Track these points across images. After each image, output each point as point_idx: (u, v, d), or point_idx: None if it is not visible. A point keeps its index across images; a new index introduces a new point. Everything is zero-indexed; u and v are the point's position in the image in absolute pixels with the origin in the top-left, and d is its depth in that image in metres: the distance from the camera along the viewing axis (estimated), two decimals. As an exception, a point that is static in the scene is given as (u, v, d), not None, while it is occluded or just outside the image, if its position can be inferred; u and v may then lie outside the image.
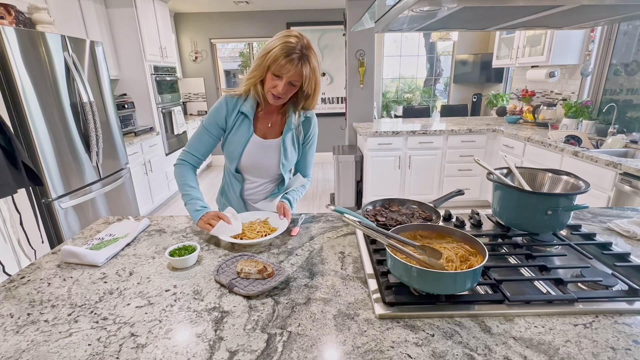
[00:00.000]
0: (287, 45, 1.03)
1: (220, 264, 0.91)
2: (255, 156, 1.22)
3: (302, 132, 1.26)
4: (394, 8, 0.67)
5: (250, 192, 1.31)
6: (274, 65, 1.05)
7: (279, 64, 1.04)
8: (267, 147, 1.22)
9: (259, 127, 1.23)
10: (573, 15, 0.80)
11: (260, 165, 1.24)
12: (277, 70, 1.05)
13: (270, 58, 1.05)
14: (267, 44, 1.08)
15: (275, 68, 1.05)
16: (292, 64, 1.03)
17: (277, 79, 1.07)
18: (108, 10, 3.40)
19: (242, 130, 1.20)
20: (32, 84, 2.06)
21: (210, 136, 1.22)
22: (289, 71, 1.04)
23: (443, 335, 0.67)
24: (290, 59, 1.03)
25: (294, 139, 1.26)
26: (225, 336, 0.68)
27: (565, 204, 0.93)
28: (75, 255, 0.95)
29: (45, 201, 2.16)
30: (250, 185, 1.30)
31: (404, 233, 0.90)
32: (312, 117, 1.27)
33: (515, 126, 3.45)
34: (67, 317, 0.74)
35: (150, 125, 3.78)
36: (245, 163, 1.23)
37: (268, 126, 1.23)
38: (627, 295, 0.74)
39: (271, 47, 1.05)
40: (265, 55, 1.06)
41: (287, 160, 1.25)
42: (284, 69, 1.04)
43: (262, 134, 1.23)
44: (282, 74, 1.06)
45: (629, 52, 2.82)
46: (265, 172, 1.27)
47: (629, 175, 1.95)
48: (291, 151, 1.25)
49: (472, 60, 5.13)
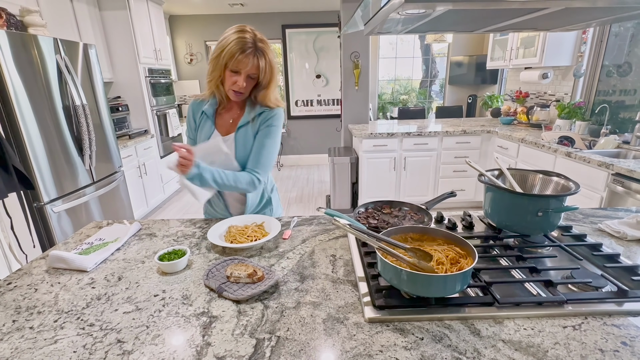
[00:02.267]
0: (242, 40, 1.04)
1: (210, 268, 0.91)
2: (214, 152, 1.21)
3: (258, 124, 1.20)
4: (381, 10, 0.67)
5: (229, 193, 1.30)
6: (231, 61, 1.06)
7: (235, 59, 1.05)
8: (226, 142, 1.21)
9: (221, 124, 1.24)
10: (560, 18, 0.80)
11: (220, 161, 1.20)
12: (235, 66, 1.06)
13: (226, 55, 1.05)
14: (220, 43, 1.08)
15: (232, 64, 1.06)
16: (249, 58, 1.05)
17: (235, 74, 1.09)
18: (102, 13, 3.38)
19: (206, 129, 1.23)
20: (24, 87, 2.04)
21: (191, 139, 1.29)
22: (247, 65, 1.06)
23: (432, 339, 0.66)
24: (247, 53, 1.05)
25: (250, 133, 1.20)
26: (213, 342, 0.67)
27: (556, 206, 0.93)
28: (64, 260, 0.94)
29: (37, 205, 2.14)
30: None
31: (395, 235, 0.90)
32: (270, 110, 1.20)
33: (509, 127, 3.46)
34: (52, 324, 0.73)
35: (145, 127, 3.76)
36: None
37: (230, 122, 1.24)
38: (616, 297, 0.75)
39: (225, 45, 1.05)
40: (220, 53, 1.06)
41: (244, 154, 1.21)
42: (242, 63, 1.06)
43: (225, 131, 1.23)
44: (240, 69, 1.07)
45: (621, 54, 2.85)
46: (229, 169, 1.21)
47: (621, 176, 1.97)
48: (247, 144, 1.20)
49: (467, 62, 5.15)
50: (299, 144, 5.75)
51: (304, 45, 5.28)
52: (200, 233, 1.16)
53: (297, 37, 5.25)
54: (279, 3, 4.61)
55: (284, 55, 5.33)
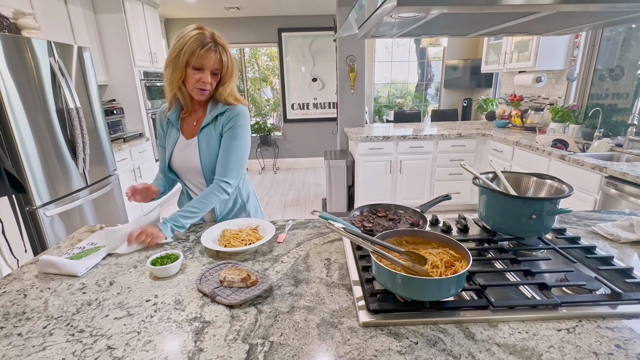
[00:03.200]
0: (201, 35, 1.04)
1: (203, 273, 0.90)
2: (180, 157, 1.22)
3: (221, 124, 1.17)
4: (374, 14, 0.67)
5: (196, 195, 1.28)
6: (192, 58, 1.04)
7: (198, 55, 1.04)
8: (189, 145, 1.21)
9: (186, 128, 1.23)
10: (552, 22, 0.81)
11: (186, 165, 1.22)
12: (198, 62, 1.05)
13: (186, 53, 1.04)
14: (177, 43, 1.06)
15: (195, 61, 1.05)
16: (211, 52, 1.05)
17: (199, 72, 1.08)
18: (96, 16, 3.37)
19: (172, 134, 1.23)
20: (17, 90, 2.02)
21: (162, 148, 1.29)
22: (210, 60, 1.05)
23: (427, 343, 0.66)
24: (208, 48, 1.04)
25: (213, 133, 1.18)
26: (205, 347, 0.66)
27: (549, 208, 0.93)
28: (54, 265, 0.93)
29: (29, 209, 2.12)
30: (192, 190, 1.29)
31: (390, 239, 0.89)
32: (232, 108, 1.17)
33: (504, 130, 3.49)
34: (41, 330, 0.72)
35: (140, 131, 3.74)
36: (174, 165, 1.24)
37: (193, 125, 1.22)
38: (609, 299, 0.75)
39: (184, 43, 1.04)
40: (179, 53, 1.05)
41: (208, 157, 1.18)
42: (205, 59, 1.05)
43: (189, 134, 1.22)
44: (203, 64, 1.06)
45: (613, 58, 2.88)
46: (195, 173, 1.22)
47: (614, 179, 1.98)
48: (210, 147, 1.18)
49: (462, 66, 5.19)
50: (295, 147, 5.75)
51: (300, 48, 5.29)
52: (194, 237, 1.15)
53: (293, 41, 5.27)
54: (275, 7, 4.63)
55: (280, 58, 5.34)
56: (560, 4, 0.63)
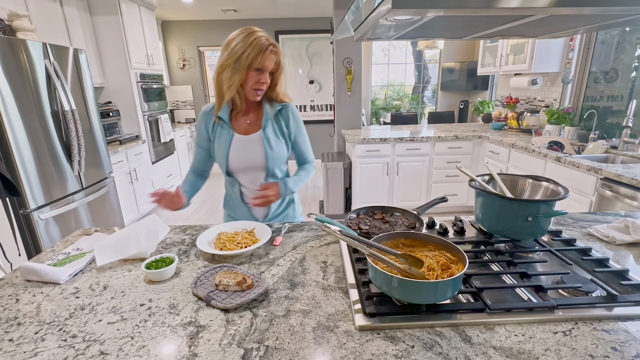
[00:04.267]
0: (261, 39, 1.11)
1: (198, 276, 0.89)
2: (241, 153, 1.24)
3: (282, 120, 1.28)
4: (370, 16, 0.67)
5: (248, 194, 1.31)
6: (256, 61, 1.11)
7: (261, 57, 1.11)
8: (250, 142, 1.24)
9: (239, 127, 1.26)
10: (547, 25, 0.82)
11: (248, 161, 1.25)
12: (261, 64, 1.12)
13: (250, 57, 1.10)
14: (234, 48, 1.11)
15: (258, 63, 1.11)
16: (272, 54, 1.13)
17: (259, 73, 1.14)
18: (92, 18, 3.36)
19: (224, 134, 1.24)
20: (12, 92, 2.01)
21: (202, 148, 1.30)
22: (271, 62, 1.14)
23: (423, 346, 0.66)
24: (270, 51, 1.12)
25: (276, 129, 1.26)
26: (200, 352, 0.65)
27: (545, 210, 0.93)
28: (35, 272, 0.90)
29: (23, 212, 2.10)
30: (245, 187, 1.31)
31: (386, 242, 0.89)
32: (288, 105, 1.29)
33: (500, 132, 3.50)
34: (33, 336, 0.71)
35: (136, 133, 3.73)
36: (234, 163, 1.25)
37: (247, 123, 1.26)
38: (605, 301, 0.75)
39: (244, 47, 1.10)
40: (240, 56, 1.10)
41: (272, 150, 1.24)
42: (267, 60, 1.12)
43: (244, 132, 1.25)
44: (265, 66, 1.13)
45: (607, 60, 2.91)
46: (255, 168, 1.26)
47: (610, 180, 1.99)
48: (275, 141, 1.25)
49: (458, 68, 5.22)
50: (292, 149, 5.74)
51: (297, 51, 5.30)
52: (189, 240, 1.14)
53: (291, 43, 5.27)
54: (272, 9, 4.63)
55: (277, 60, 5.34)
56: (555, 7, 0.63)
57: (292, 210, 1.40)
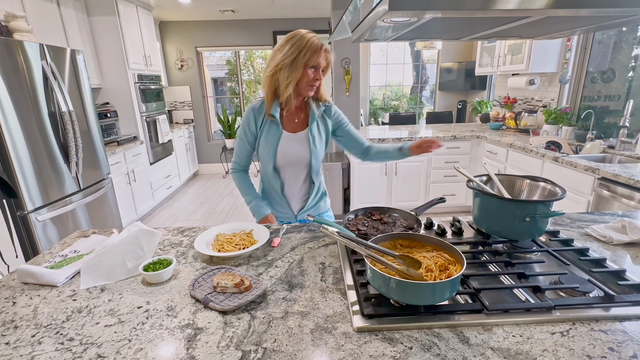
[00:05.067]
0: (315, 38, 1.20)
1: (196, 278, 0.89)
2: (288, 150, 1.32)
3: (327, 119, 1.38)
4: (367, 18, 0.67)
5: (289, 189, 1.39)
6: (313, 58, 1.19)
7: (318, 56, 1.19)
8: (297, 139, 1.32)
9: (287, 125, 1.33)
10: (543, 26, 0.82)
11: (293, 157, 1.33)
12: (316, 62, 1.20)
13: (307, 55, 1.18)
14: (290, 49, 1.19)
15: (314, 61, 1.20)
16: (327, 53, 1.21)
17: (314, 70, 1.22)
18: (90, 19, 3.35)
19: (272, 131, 1.31)
20: (9, 93, 2.00)
21: (247, 143, 1.36)
22: (326, 59, 1.22)
23: (421, 348, 0.66)
24: (325, 49, 1.21)
25: (320, 128, 1.36)
26: (198, 355, 0.65)
27: (543, 211, 0.94)
28: (32, 275, 0.90)
29: (20, 214, 2.09)
30: (288, 182, 1.38)
31: (384, 243, 0.89)
32: (330, 105, 1.39)
33: (498, 132, 3.51)
34: (30, 339, 0.71)
35: (134, 134, 3.72)
36: (280, 159, 1.32)
37: (295, 122, 1.34)
38: (602, 302, 0.75)
39: (301, 47, 1.18)
40: (298, 55, 1.19)
41: (316, 149, 1.34)
42: (322, 58, 1.20)
43: (291, 130, 1.33)
44: (320, 63, 1.21)
45: (605, 60, 2.92)
46: (299, 164, 1.35)
47: (607, 180, 2.00)
48: (319, 140, 1.35)
49: (456, 68, 5.23)
50: (290, 149, 5.73)
51: (295, 51, 5.29)
52: (187, 241, 1.14)
53: (289, 44, 5.26)
54: (270, 10, 4.63)
55: (276, 61, 5.33)
56: (551, 9, 0.63)
57: (324, 203, 1.48)
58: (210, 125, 5.71)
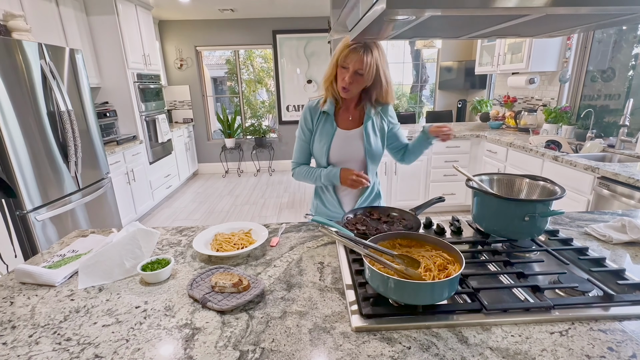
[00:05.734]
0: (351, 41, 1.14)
1: (194, 278, 0.89)
2: (342, 147, 1.31)
3: (382, 118, 1.34)
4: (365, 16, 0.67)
5: (343, 188, 1.37)
6: (340, 57, 1.17)
7: (343, 54, 1.16)
8: (351, 137, 1.31)
9: (341, 122, 1.32)
10: (543, 24, 0.81)
11: (347, 154, 1.32)
12: (343, 61, 1.17)
13: (337, 53, 1.18)
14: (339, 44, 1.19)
15: (341, 60, 1.17)
16: (355, 52, 1.14)
17: (344, 71, 1.18)
18: (89, 18, 3.35)
19: (327, 127, 1.31)
20: (7, 92, 2.00)
21: (305, 141, 1.36)
22: (353, 59, 1.14)
23: (420, 348, 0.65)
24: (353, 48, 1.14)
25: (375, 127, 1.32)
26: (195, 355, 0.65)
27: (542, 210, 0.93)
28: (30, 275, 0.90)
29: (19, 213, 2.08)
30: None
31: (383, 242, 0.89)
32: (388, 106, 1.34)
33: (498, 132, 3.50)
34: (27, 339, 0.70)
35: (134, 133, 3.71)
36: (334, 155, 1.32)
37: (349, 119, 1.32)
38: (602, 301, 0.75)
39: (339, 47, 1.18)
40: (335, 54, 1.18)
41: (371, 147, 1.30)
42: (349, 58, 1.15)
43: (345, 127, 1.32)
44: (347, 64, 1.16)
45: (604, 59, 2.91)
46: (353, 161, 1.33)
47: (607, 179, 2.00)
48: (374, 138, 1.31)
49: (456, 67, 5.22)
50: (290, 149, 5.73)
51: (294, 50, 5.29)
52: (185, 241, 1.14)
53: (288, 43, 5.26)
54: (269, 9, 4.62)
55: (275, 60, 5.33)
56: (551, 7, 0.63)
57: (379, 203, 1.45)
58: (210, 125, 5.70)
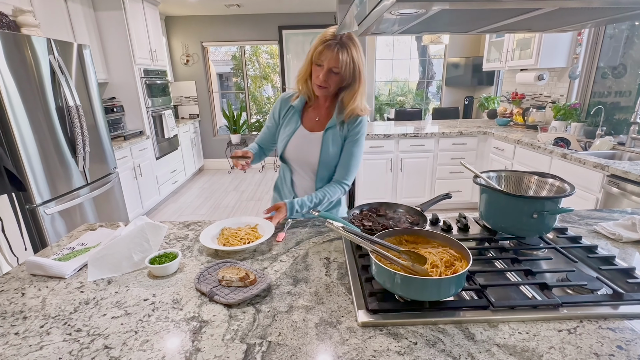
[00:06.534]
0: (325, 34, 1.11)
1: (202, 272, 0.89)
2: (299, 146, 1.28)
3: (346, 128, 1.23)
4: (374, 10, 0.66)
5: (298, 185, 1.35)
6: (314, 54, 1.12)
7: (317, 51, 1.10)
8: (311, 139, 1.26)
9: (307, 120, 1.29)
10: (555, 18, 0.80)
11: (303, 156, 1.28)
12: (317, 58, 1.11)
13: (311, 50, 1.13)
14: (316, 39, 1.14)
15: (315, 56, 1.12)
16: (329, 49, 1.08)
17: (319, 68, 1.13)
18: (96, 13, 3.36)
19: (291, 122, 1.29)
20: (17, 88, 2.02)
21: (269, 128, 1.37)
22: (327, 57, 1.09)
23: (426, 343, 0.65)
24: (327, 44, 1.09)
25: (337, 136, 1.24)
26: (203, 347, 0.66)
27: (551, 207, 0.92)
28: (41, 267, 0.91)
29: (29, 207, 2.12)
30: (297, 177, 1.34)
31: (389, 238, 0.89)
32: (361, 118, 1.24)
33: (505, 129, 3.47)
34: (39, 329, 0.72)
35: (140, 129, 3.74)
36: (289, 152, 1.29)
37: (316, 120, 1.28)
38: (611, 300, 0.74)
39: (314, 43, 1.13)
40: (309, 51, 1.14)
41: (327, 155, 1.24)
42: (323, 55, 1.10)
43: (309, 127, 1.28)
44: (321, 61, 1.11)
45: (616, 55, 2.86)
46: (308, 164, 1.29)
47: (616, 177, 1.97)
48: (332, 147, 1.24)
49: (463, 64, 5.17)
50: (295, 145, 5.73)
51: (300, 46, 5.28)
52: (192, 235, 1.15)
53: (294, 38, 5.25)
54: (275, 4, 4.61)
55: (281, 56, 5.32)
56: (563, 0, 0.62)
57: (337, 212, 1.41)
58: (216, 121, 5.72)
